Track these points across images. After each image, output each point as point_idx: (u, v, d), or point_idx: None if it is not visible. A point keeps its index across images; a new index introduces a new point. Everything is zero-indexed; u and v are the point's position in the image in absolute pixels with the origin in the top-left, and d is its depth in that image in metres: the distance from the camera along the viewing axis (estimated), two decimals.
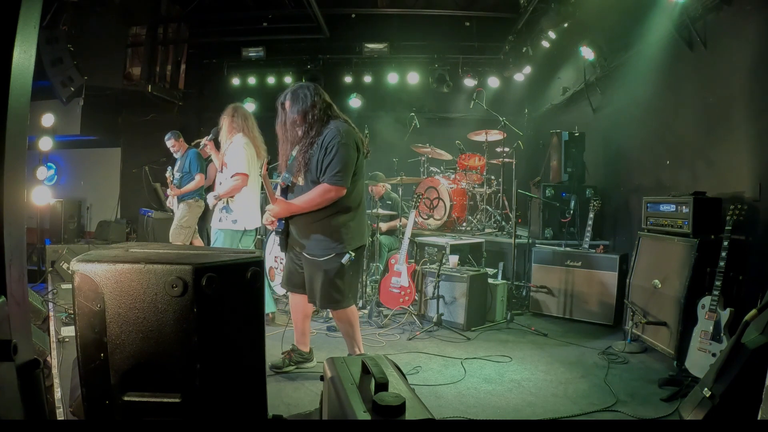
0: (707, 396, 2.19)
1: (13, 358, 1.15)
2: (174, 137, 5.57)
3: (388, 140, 7.41)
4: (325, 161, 2.69)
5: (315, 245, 2.80)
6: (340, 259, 2.78)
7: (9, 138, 1.22)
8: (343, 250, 2.79)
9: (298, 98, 2.78)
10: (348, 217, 2.83)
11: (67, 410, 2.11)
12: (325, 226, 2.78)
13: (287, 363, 3.17)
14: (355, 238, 2.86)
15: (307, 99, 2.77)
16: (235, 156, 3.63)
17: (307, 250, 2.82)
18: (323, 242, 2.79)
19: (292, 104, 2.79)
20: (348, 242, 2.81)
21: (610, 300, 4.27)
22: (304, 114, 2.76)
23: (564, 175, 5.29)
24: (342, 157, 2.69)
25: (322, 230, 2.79)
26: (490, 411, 2.69)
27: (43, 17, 2.95)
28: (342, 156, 2.69)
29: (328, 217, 2.78)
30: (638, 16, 4.53)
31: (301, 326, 3.16)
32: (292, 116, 2.78)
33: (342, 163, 2.69)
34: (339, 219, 2.80)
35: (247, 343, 1.68)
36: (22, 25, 1.23)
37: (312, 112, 2.76)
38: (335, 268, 2.79)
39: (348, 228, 2.82)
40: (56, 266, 4.83)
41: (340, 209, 2.79)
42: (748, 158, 3.35)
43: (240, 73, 8.28)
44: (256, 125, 3.85)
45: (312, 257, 2.81)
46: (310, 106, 2.77)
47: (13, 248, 1.26)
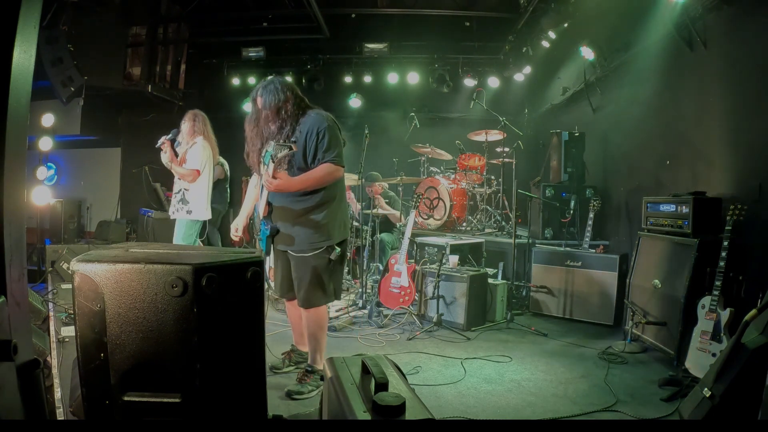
0: (707, 396, 2.19)
1: (13, 358, 1.15)
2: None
3: (388, 140, 7.41)
4: (320, 146, 2.70)
5: (302, 241, 2.78)
6: (329, 254, 2.78)
7: (9, 138, 1.22)
8: (330, 243, 2.79)
9: (270, 93, 2.74)
10: (333, 208, 2.84)
11: (67, 410, 2.11)
12: (312, 219, 2.78)
13: (287, 363, 3.17)
14: (340, 230, 2.87)
15: (278, 93, 2.74)
16: (196, 155, 4.14)
17: (295, 247, 2.80)
18: (311, 236, 2.77)
19: (264, 100, 2.76)
20: (334, 236, 2.82)
21: (610, 300, 4.27)
22: (278, 109, 2.74)
23: (564, 175, 5.29)
24: (336, 140, 2.74)
25: (309, 224, 2.78)
26: (490, 411, 2.69)
27: (43, 17, 2.95)
28: (336, 138, 2.74)
29: (315, 210, 2.78)
30: (638, 16, 4.53)
31: (298, 327, 3.15)
32: (265, 112, 2.76)
33: (338, 146, 2.74)
34: (325, 211, 2.80)
35: (247, 343, 1.68)
36: (22, 25, 1.23)
37: (285, 107, 2.74)
38: (323, 264, 2.79)
39: (334, 221, 2.84)
40: (56, 266, 4.83)
41: (326, 199, 2.80)
42: (748, 158, 3.35)
43: (240, 73, 8.28)
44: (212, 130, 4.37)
45: (300, 254, 2.80)
46: (284, 101, 2.75)
47: (13, 248, 1.26)
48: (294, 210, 2.78)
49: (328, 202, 2.81)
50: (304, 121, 2.75)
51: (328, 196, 2.81)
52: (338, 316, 4.47)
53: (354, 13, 7.59)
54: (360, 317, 4.49)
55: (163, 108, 7.83)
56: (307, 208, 2.77)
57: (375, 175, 5.60)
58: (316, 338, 2.93)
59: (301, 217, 2.78)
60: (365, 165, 4.83)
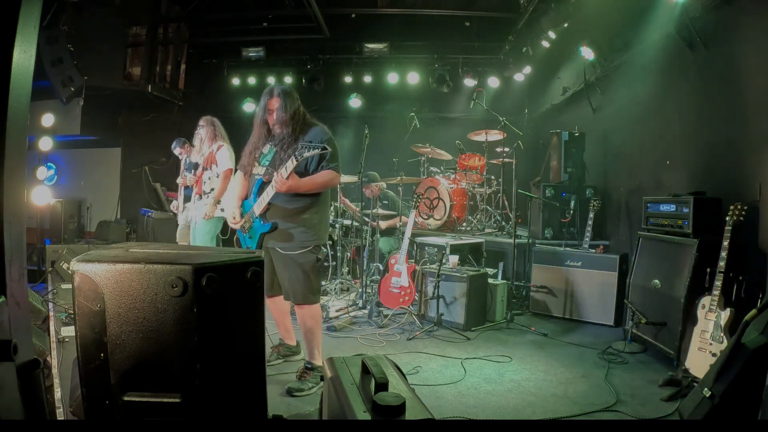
0: (707, 396, 2.19)
1: (13, 358, 1.15)
2: (179, 144, 5.58)
3: (388, 140, 7.41)
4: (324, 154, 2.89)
5: (294, 239, 2.92)
6: (316, 254, 2.95)
7: (9, 138, 1.22)
8: (317, 242, 2.95)
9: (290, 99, 2.95)
10: (322, 212, 3.05)
11: (67, 410, 2.11)
12: (303, 219, 2.94)
13: (275, 356, 3.32)
14: (325, 232, 3.10)
15: (295, 102, 2.98)
16: (225, 156, 4.33)
17: (285, 245, 2.93)
18: (300, 235, 2.92)
19: (283, 104, 2.93)
20: (320, 237, 3.00)
21: (610, 300, 4.27)
22: (294, 114, 2.94)
23: (564, 175, 5.29)
24: (336, 151, 2.96)
25: (301, 223, 2.93)
26: (490, 411, 2.69)
27: (43, 17, 2.95)
28: (336, 149, 2.96)
29: (307, 210, 2.94)
30: (638, 16, 4.53)
31: (282, 323, 3.34)
32: (281, 115, 2.93)
33: (337, 157, 2.96)
34: (316, 213, 2.98)
35: (247, 343, 1.68)
36: (22, 25, 1.23)
37: (297, 114, 2.97)
38: (310, 262, 2.94)
39: (321, 223, 3.04)
40: (56, 266, 4.83)
41: (319, 203, 3.00)
42: (748, 158, 3.35)
43: (240, 73, 8.28)
44: None
45: (287, 252, 2.93)
46: (298, 109, 2.98)
47: (13, 248, 1.26)
48: (287, 209, 2.93)
49: (318, 205, 2.99)
50: (309, 132, 2.96)
51: (318, 199, 2.99)
52: (338, 316, 4.47)
53: (354, 13, 7.59)
54: (360, 317, 4.49)
55: (163, 108, 7.83)
56: (299, 208, 2.93)
57: (373, 175, 5.59)
58: (313, 333, 3.02)
59: (294, 216, 2.93)
60: (365, 165, 4.83)
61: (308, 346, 3.05)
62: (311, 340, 3.03)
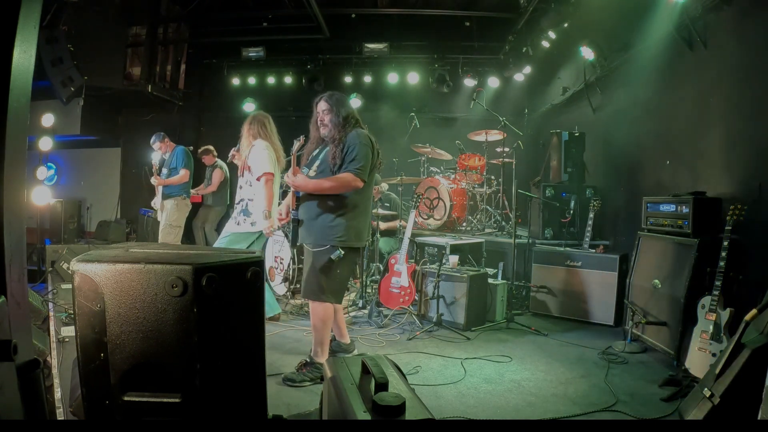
0: (707, 396, 2.20)
1: (13, 358, 1.15)
2: (159, 139, 5.63)
3: (388, 140, 7.40)
4: (347, 156, 2.94)
5: (313, 235, 3.00)
6: (329, 254, 2.94)
7: (9, 138, 1.22)
8: (334, 244, 2.94)
9: (343, 104, 3.08)
10: (351, 216, 3.00)
11: (67, 410, 2.11)
12: (328, 219, 2.97)
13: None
14: (352, 238, 3.01)
15: (349, 107, 3.11)
16: (258, 158, 3.75)
17: (307, 240, 3.03)
18: (320, 233, 2.97)
19: (338, 108, 3.05)
20: (343, 240, 2.96)
21: (610, 300, 4.27)
22: (347, 118, 3.05)
23: (564, 175, 5.29)
24: (364, 155, 2.95)
25: (325, 222, 2.97)
26: (490, 411, 2.69)
27: (43, 17, 2.95)
28: (364, 153, 2.95)
29: (333, 212, 2.96)
30: (638, 16, 4.53)
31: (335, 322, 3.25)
32: (337, 119, 3.03)
33: (364, 160, 2.94)
34: (343, 216, 2.97)
35: (247, 343, 1.68)
36: (22, 25, 1.23)
37: (348, 119, 3.06)
38: (323, 261, 2.95)
39: (349, 227, 2.98)
40: (56, 266, 4.83)
41: (347, 206, 2.98)
42: (749, 158, 3.35)
43: (240, 73, 8.29)
44: (276, 133, 3.94)
45: (307, 247, 3.03)
46: (350, 113, 3.09)
47: (13, 248, 1.26)
48: (313, 208, 3.00)
49: (345, 208, 2.98)
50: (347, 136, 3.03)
51: (347, 203, 2.98)
52: None
53: (354, 13, 7.60)
54: (360, 317, 4.49)
55: (163, 108, 7.84)
56: (325, 208, 2.97)
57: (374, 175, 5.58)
58: (317, 331, 3.06)
59: (317, 215, 2.99)
60: None
61: (313, 341, 3.11)
62: (315, 336, 3.08)
